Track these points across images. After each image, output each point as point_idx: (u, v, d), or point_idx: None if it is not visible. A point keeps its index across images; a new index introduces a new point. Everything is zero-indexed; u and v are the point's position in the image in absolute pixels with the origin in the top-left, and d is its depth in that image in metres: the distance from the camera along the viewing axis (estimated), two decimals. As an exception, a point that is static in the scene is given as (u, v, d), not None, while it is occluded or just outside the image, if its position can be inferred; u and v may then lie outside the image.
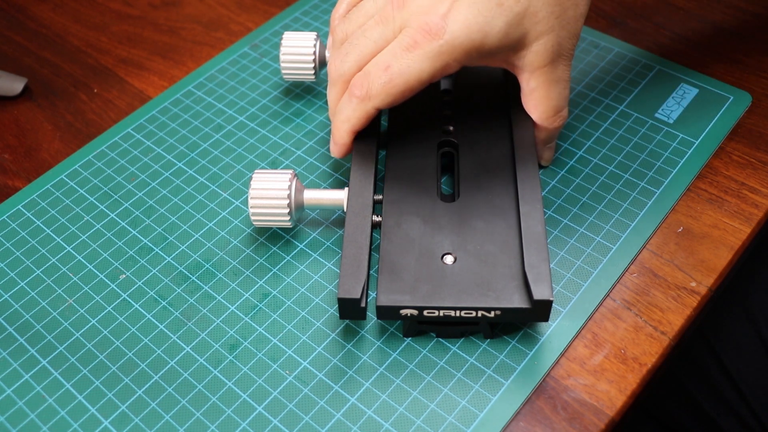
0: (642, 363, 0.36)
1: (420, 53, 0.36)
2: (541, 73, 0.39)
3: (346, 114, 0.39)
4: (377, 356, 0.37)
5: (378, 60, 0.38)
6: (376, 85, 0.37)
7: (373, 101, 0.38)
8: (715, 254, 0.40)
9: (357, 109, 0.39)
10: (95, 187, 0.45)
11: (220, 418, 0.35)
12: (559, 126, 0.41)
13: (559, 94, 0.40)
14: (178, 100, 0.50)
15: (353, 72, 0.39)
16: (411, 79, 0.37)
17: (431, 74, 0.37)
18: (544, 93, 0.39)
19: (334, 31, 0.41)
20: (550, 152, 0.44)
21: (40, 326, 0.39)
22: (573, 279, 0.39)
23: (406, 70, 0.37)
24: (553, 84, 0.39)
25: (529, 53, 0.38)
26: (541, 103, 0.40)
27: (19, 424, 0.35)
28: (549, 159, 0.44)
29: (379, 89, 0.37)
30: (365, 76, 0.38)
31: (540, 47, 0.38)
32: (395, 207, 0.38)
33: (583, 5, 0.38)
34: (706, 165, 0.45)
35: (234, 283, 0.40)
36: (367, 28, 0.39)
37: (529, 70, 0.39)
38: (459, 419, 0.35)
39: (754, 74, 0.49)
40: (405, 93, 0.38)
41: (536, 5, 0.37)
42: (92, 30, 0.56)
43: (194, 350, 0.38)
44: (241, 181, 0.45)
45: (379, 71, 0.37)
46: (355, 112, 0.39)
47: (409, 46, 0.36)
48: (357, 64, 0.39)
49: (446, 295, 0.34)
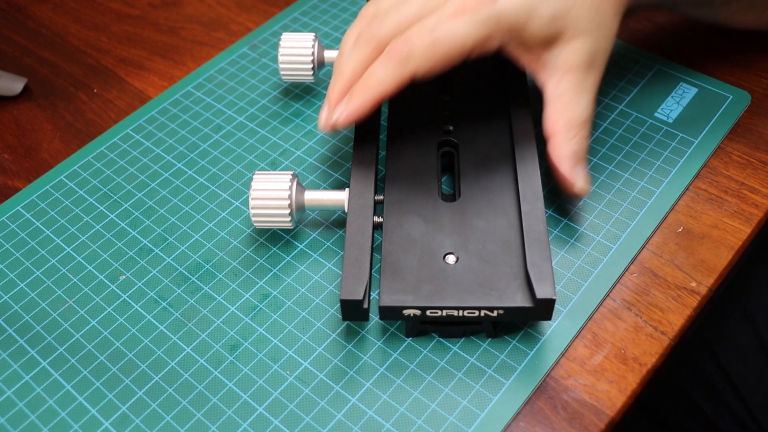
0: (642, 363, 0.37)
1: (468, 18, 0.36)
2: (573, 76, 0.38)
3: (378, 76, 0.37)
4: (378, 356, 0.37)
5: (422, 23, 0.37)
6: (419, 48, 0.36)
7: (412, 64, 0.36)
8: (715, 254, 0.40)
9: (393, 73, 0.37)
10: (95, 188, 0.45)
11: (221, 418, 0.35)
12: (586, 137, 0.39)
13: (587, 105, 0.39)
14: (178, 101, 0.50)
15: (390, 36, 0.37)
16: (456, 44, 0.36)
17: (475, 42, 0.36)
18: (572, 98, 0.39)
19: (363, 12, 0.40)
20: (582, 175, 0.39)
21: (40, 327, 0.39)
22: (573, 278, 0.39)
23: (452, 33, 0.36)
24: (583, 92, 0.39)
25: (564, 51, 0.38)
26: (568, 109, 0.39)
27: (20, 426, 0.35)
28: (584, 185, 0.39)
29: (422, 51, 0.36)
30: (407, 38, 0.36)
31: (578, 46, 0.38)
32: (396, 207, 0.38)
33: (615, 26, 0.40)
34: (705, 165, 0.45)
35: (234, 283, 0.40)
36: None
37: (562, 70, 0.38)
38: (460, 419, 0.35)
39: (753, 74, 0.49)
40: (446, 60, 0.37)
41: (580, 7, 0.38)
42: (92, 30, 0.56)
43: (195, 351, 0.38)
44: (241, 181, 0.45)
45: (422, 34, 0.36)
46: (390, 75, 0.37)
47: (458, 10, 0.36)
48: (396, 28, 0.37)
49: (449, 294, 0.34)
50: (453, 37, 0.36)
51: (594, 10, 0.38)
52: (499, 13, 0.36)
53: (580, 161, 0.39)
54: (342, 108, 0.38)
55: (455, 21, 0.36)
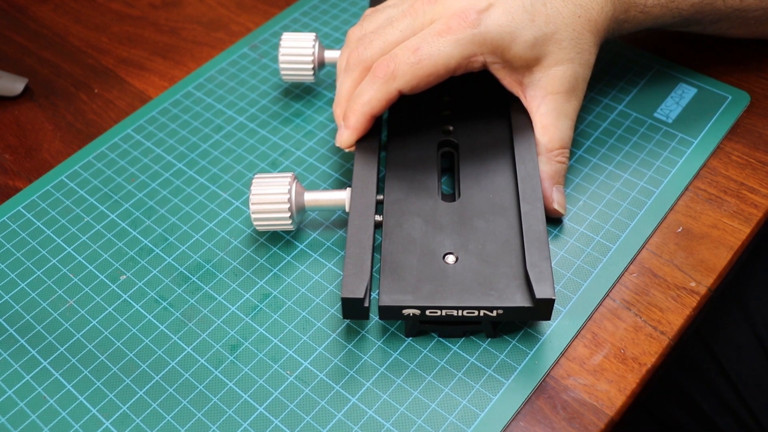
0: (641, 363, 0.37)
1: (452, 38, 0.37)
2: (554, 100, 0.39)
3: (366, 96, 0.38)
4: (378, 356, 0.37)
5: (407, 43, 0.38)
6: (403, 66, 0.37)
7: (397, 82, 0.38)
8: (715, 254, 0.40)
9: (380, 90, 0.38)
10: (95, 188, 0.45)
11: (221, 418, 0.35)
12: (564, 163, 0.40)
13: (567, 129, 0.40)
14: (178, 101, 0.50)
15: (377, 58, 0.39)
16: (439, 63, 0.37)
17: (459, 61, 0.37)
18: (552, 122, 0.40)
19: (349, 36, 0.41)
20: (560, 195, 0.41)
21: (40, 327, 0.39)
22: (573, 278, 0.39)
23: (436, 53, 0.37)
24: (563, 117, 0.40)
25: (546, 76, 0.39)
26: (548, 131, 0.40)
27: (21, 425, 0.36)
28: (561, 203, 0.41)
29: (406, 70, 0.37)
30: (391, 57, 0.38)
31: (559, 72, 0.39)
32: (396, 207, 0.38)
33: (594, 53, 0.41)
34: (705, 165, 0.45)
35: (234, 283, 0.40)
36: (394, 19, 0.39)
37: (542, 94, 0.39)
38: (460, 419, 0.35)
39: (752, 74, 0.50)
40: (430, 78, 0.38)
41: (563, 34, 0.39)
42: (93, 30, 0.56)
43: (195, 351, 0.38)
44: (242, 181, 0.45)
45: (407, 53, 0.37)
46: (377, 93, 0.38)
47: (442, 31, 0.37)
48: (382, 50, 0.38)
49: (448, 294, 0.35)
50: (437, 56, 0.37)
51: (576, 36, 0.39)
52: (483, 32, 0.37)
53: (558, 182, 0.40)
54: (342, 131, 0.40)
55: (439, 41, 0.37)
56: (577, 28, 0.39)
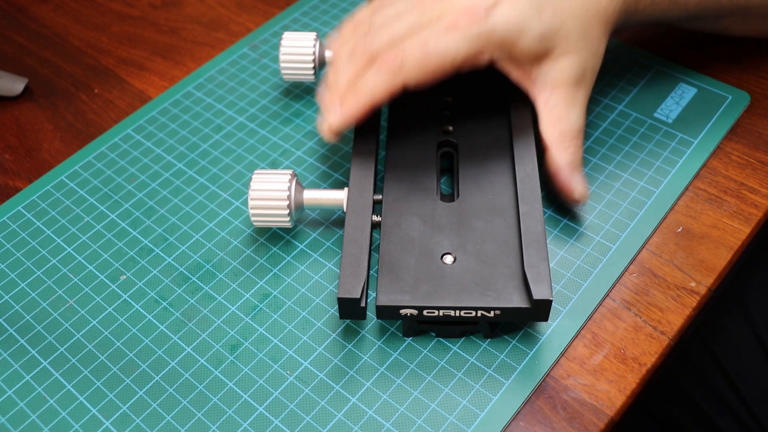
0: (641, 363, 0.37)
1: (459, 34, 0.37)
2: (563, 91, 0.39)
3: (370, 85, 0.38)
4: (378, 356, 0.37)
5: (415, 38, 0.38)
6: (411, 60, 0.37)
7: (404, 75, 0.37)
8: (715, 254, 0.40)
9: (386, 81, 0.38)
10: (95, 188, 0.45)
11: (221, 418, 0.35)
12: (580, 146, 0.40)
13: (578, 118, 0.40)
14: (178, 101, 0.50)
15: (384, 50, 0.38)
16: (446, 59, 0.37)
17: (465, 57, 0.37)
18: (563, 112, 0.40)
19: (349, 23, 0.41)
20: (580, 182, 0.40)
21: (40, 327, 0.39)
22: (573, 278, 0.39)
23: (444, 48, 0.37)
24: (573, 105, 0.40)
25: (554, 67, 0.39)
26: (560, 122, 0.40)
27: (20, 425, 0.36)
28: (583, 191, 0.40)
29: (414, 63, 0.37)
30: (400, 50, 0.38)
31: (567, 64, 0.39)
32: (395, 207, 0.38)
33: (603, 44, 0.40)
34: (705, 165, 0.45)
35: (234, 283, 0.40)
36: (402, 13, 0.39)
37: (552, 86, 0.39)
38: (460, 419, 0.35)
39: (752, 74, 0.49)
40: (437, 72, 0.38)
41: (570, 26, 0.38)
42: (93, 30, 0.56)
43: (195, 351, 0.38)
44: (242, 181, 0.45)
45: (415, 47, 0.37)
46: (383, 83, 0.38)
47: (450, 26, 0.37)
48: (389, 43, 0.38)
49: (446, 294, 0.35)
50: (444, 51, 0.37)
51: (584, 28, 0.39)
52: (490, 29, 0.37)
53: (576, 169, 0.40)
54: (335, 112, 0.39)
55: (447, 36, 0.37)
56: (584, 19, 0.39)
